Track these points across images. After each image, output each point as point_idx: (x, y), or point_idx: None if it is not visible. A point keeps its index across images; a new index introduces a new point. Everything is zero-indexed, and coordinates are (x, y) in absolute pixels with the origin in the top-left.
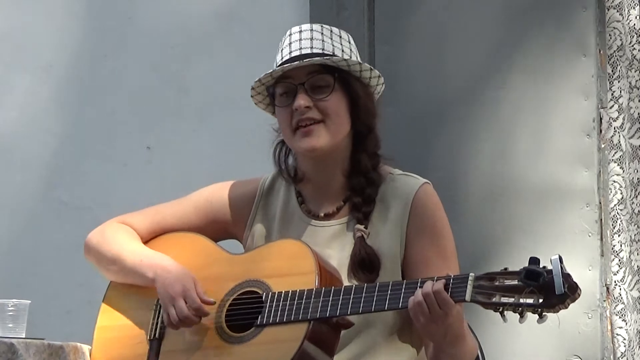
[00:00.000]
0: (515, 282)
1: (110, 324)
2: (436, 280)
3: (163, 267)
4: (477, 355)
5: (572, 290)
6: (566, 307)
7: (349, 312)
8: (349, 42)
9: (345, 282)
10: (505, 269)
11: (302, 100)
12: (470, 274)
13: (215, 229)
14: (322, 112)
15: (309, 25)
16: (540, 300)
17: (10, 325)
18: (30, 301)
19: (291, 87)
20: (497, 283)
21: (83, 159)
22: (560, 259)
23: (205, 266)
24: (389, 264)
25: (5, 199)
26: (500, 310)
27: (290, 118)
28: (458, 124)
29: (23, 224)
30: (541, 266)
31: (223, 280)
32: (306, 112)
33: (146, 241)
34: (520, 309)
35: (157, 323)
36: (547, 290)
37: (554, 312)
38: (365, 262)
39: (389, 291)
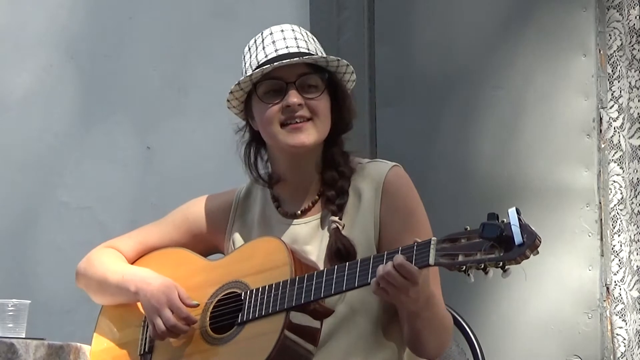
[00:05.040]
0: (476, 239)
1: (102, 348)
2: (400, 252)
3: (143, 279)
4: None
5: (531, 240)
6: (527, 257)
7: (322, 295)
8: (319, 43)
9: None
10: (466, 228)
11: (295, 98)
12: (433, 238)
13: (197, 243)
14: (311, 111)
15: (288, 25)
16: (502, 254)
17: (10, 325)
18: (30, 301)
19: (280, 85)
20: (458, 243)
21: (83, 159)
22: (518, 210)
23: (186, 276)
24: (365, 252)
25: (5, 199)
26: (465, 269)
27: (279, 114)
28: (458, 124)
29: (23, 224)
30: (499, 220)
31: (204, 286)
32: (298, 110)
33: (133, 262)
34: (483, 265)
35: (145, 338)
36: (506, 243)
37: (516, 264)
38: (341, 252)
39: (358, 268)
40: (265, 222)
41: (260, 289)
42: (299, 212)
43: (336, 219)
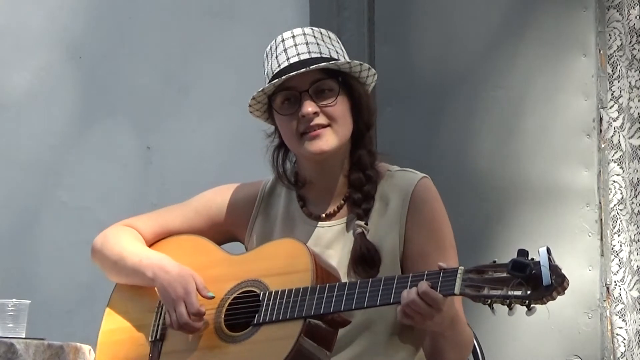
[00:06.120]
0: (504, 274)
1: (113, 327)
2: (426, 277)
3: (161, 266)
4: (475, 346)
5: (559, 282)
6: (554, 299)
7: (342, 309)
8: (338, 42)
9: (346, 279)
10: (494, 261)
11: (309, 108)
12: (460, 267)
13: (217, 231)
14: (328, 117)
15: (300, 29)
16: (528, 292)
17: (10, 325)
18: (30, 301)
19: (294, 95)
20: (485, 276)
21: (83, 159)
22: (548, 250)
23: (205, 267)
24: (388, 260)
25: (5, 199)
26: (489, 302)
27: (296, 125)
28: (458, 124)
29: (23, 224)
30: (529, 258)
31: (222, 280)
32: (314, 119)
33: (150, 244)
34: (508, 301)
35: (158, 325)
36: (534, 282)
37: (542, 304)
38: (365, 257)
39: (381, 287)
40: (289, 221)
41: (279, 292)
42: (324, 215)
43: (362, 223)
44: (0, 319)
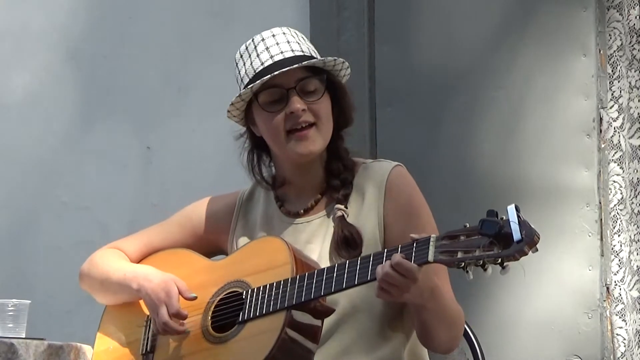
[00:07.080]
0: (476, 236)
1: (105, 348)
2: (400, 249)
3: (144, 277)
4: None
5: (529, 236)
6: (526, 254)
7: (322, 293)
8: (309, 42)
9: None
10: (465, 225)
11: (298, 104)
12: (432, 235)
13: (201, 244)
14: (314, 114)
15: (278, 28)
16: (500, 250)
17: (10, 325)
18: (30, 301)
19: (281, 92)
20: (458, 240)
21: (83, 159)
22: (517, 207)
23: (189, 276)
24: (370, 248)
25: (5, 199)
26: (463, 266)
27: (283, 123)
28: (458, 124)
29: (23, 224)
30: (499, 217)
31: (207, 286)
32: (302, 115)
33: (136, 263)
34: (481, 261)
35: (148, 337)
36: (505, 239)
37: (515, 260)
38: (347, 239)
39: (358, 266)
40: (268, 222)
41: (261, 288)
42: (302, 211)
43: (341, 206)
44: (0, 319)
